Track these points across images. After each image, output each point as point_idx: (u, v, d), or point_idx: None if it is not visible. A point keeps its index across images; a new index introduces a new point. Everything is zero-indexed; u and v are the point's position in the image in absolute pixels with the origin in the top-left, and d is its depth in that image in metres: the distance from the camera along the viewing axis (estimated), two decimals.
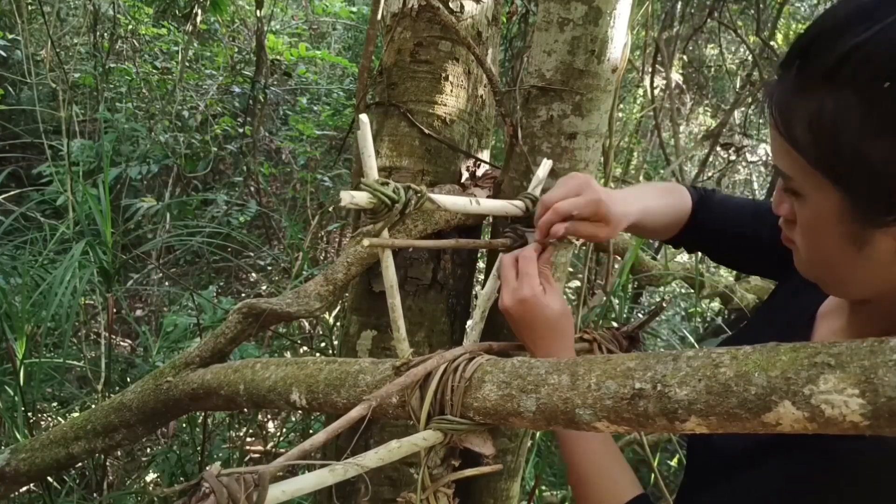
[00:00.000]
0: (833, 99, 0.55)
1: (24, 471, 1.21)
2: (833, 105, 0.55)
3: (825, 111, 0.56)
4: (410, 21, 1.27)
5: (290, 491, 0.63)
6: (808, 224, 0.64)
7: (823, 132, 0.56)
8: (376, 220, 0.85)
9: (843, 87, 0.54)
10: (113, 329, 2.61)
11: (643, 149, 5.71)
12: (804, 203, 0.63)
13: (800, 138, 0.59)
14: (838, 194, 0.58)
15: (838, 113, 0.55)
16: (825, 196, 0.60)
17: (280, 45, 4.36)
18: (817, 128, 0.57)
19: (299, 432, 2.70)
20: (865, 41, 0.53)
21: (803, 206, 0.63)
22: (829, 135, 0.56)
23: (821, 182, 0.59)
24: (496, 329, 1.17)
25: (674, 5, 3.82)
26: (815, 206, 0.61)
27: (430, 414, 0.75)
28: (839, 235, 0.61)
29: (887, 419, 0.45)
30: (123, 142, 3.93)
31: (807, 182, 0.61)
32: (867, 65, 0.53)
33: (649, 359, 0.59)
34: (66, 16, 4.66)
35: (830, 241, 0.62)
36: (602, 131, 1.14)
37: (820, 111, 0.56)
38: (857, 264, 0.62)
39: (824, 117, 0.56)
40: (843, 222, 0.60)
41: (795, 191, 0.63)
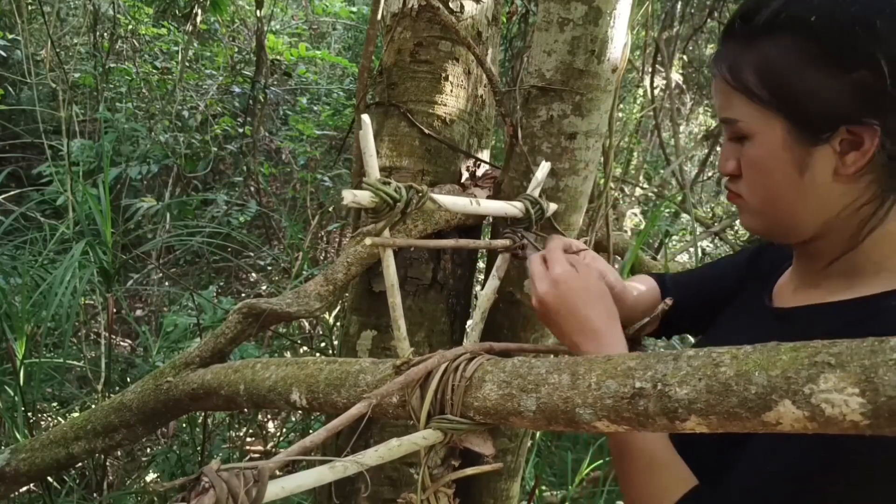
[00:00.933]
0: (774, 44, 0.68)
1: (24, 471, 1.21)
2: (775, 48, 0.68)
3: (769, 55, 0.68)
4: (410, 21, 1.27)
5: (290, 487, 0.63)
6: (757, 162, 0.72)
7: (770, 72, 0.68)
8: (378, 219, 0.85)
9: (781, 33, 0.68)
10: (113, 329, 2.61)
11: (643, 149, 5.70)
12: (752, 143, 0.72)
13: (750, 83, 0.70)
14: (783, 123, 0.69)
15: (780, 53, 0.68)
16: (771, 128, 0.70)
17: (280, 45, 4.36)
18: (764, 70, 0.69)
19: (299, 432, 2.70)
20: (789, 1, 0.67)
21: (752, 146, 0.72)
22: (774, 73, 0.68)
23: (767, 116, 0.70)
24: (496, 329, 1.17)
25: (674, 5, 3.82)
26: (763, 141, 0.71)
27: (431, 413, 0.75)
28: (785, 163, 0.70)
29: (887, 418, 0.45)
30: (123, 142, 3.93)
31: (755, 120, 0.71)
32: (797, 11, 0.66)
33: (650, 358, 0.59)
34: (66, 16, 4.66)
35: (778, 173, 0.71)
36: (602, 131, 1.14)
37: (765, 56, 0.69)
38: (802, 192, 0.70)
39: (769, 60, 0.68)
40: (788, 148, 0.69)
41: (743, 134, 0.72)
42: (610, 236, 1.74)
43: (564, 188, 1.14)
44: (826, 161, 0.68)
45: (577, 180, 1.14)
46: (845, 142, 0.67)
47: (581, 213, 1.20)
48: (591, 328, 0.81)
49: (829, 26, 0.65)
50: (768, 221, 0.76)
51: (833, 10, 0.65)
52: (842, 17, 0.65)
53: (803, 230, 0.74)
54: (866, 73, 0.64)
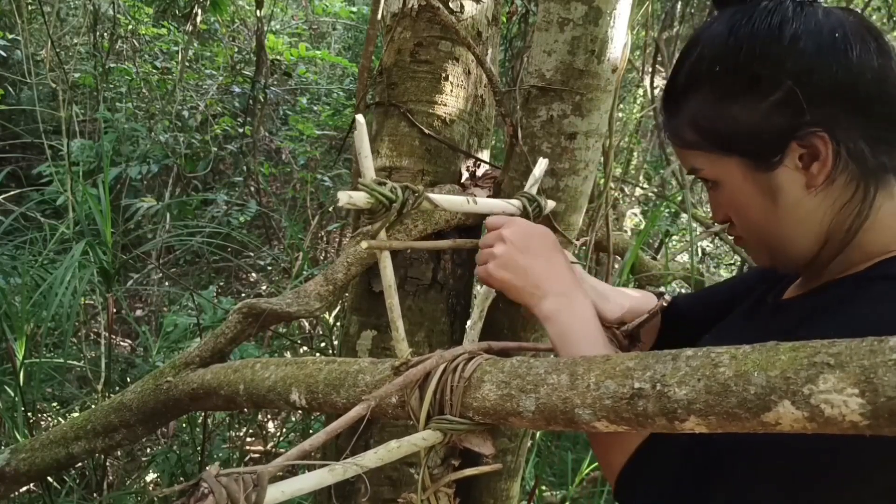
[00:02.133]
0: (694, 99, 0.75)
1: (24, 471, 1.21)
2: (696, 101, 0.75)
3: (694, 109, 0.75)
4: (410, 21, 1.27)
5: (290, 491, 0.63)
6: (732, 201, 0.76)
7: (700, 122, 0.75)
8: (374, 220, 0.85)
9: (696, 88, 0.75)
10: (113, 329, 2.61)
11: (643, 149, 5.70)
12: (722, 186, 0.76)
13: (689, 138, 0.76)
14: (735, 160, 0.73)
15: (701, 104, 0.74)
16: (728, 167, 0.74)
17: (280, 45, 4.36)
18: (695, 122, 0.75)
19: (299, 432, 2.70)
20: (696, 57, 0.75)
21: (722, 189, 0.76)
22: (704, 121, 0.74)
23: (719, 159, 0.75)
24: (496, 328, 1.17)
25: (674, 5, 3.82)
26: (727, 181, 0.75)
27: (430, 414, 0.75)
28: (755, 194, 0.73)
29: (887, 419, 0.45)
30: (123, 142, 3.93)
31: (712, 165, 0.76)
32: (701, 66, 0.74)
33: (648, 358, 0.59)
34: (66, 16, 4.66)
35: (754, 205, 0.74)
36: (602, 131, 1.14)
37: (691, 112, 0.75)
38: (783, 214, 0.73)
39: (695, 114, 0.75)
40: (749, 180, 0.73)
41: (711, 180, 0.77)
42: (610, 236, 1.74)
43: (564, 188, 1.14)
44: (792, 180, 0.71)
45: (577, 180, 1.14)
46: (804, 156, 0.70)
47: (581, 213, 1.20)
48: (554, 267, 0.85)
49: (733, 67, 0.71)
50: (772, 254, 0.78)
51: (732, 53, 0.71)
52: (740, 54, 0.70)
53: (805, 252, 0.75)
54: (781, 93, 0.68)
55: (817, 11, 0.71)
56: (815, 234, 0.73)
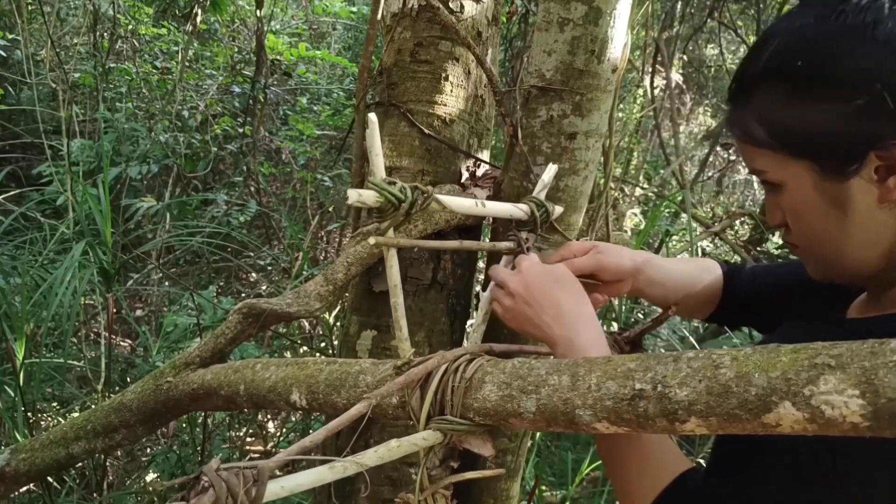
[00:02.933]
0: (769, 95, 0.70)
1: (24, 471, 1.21)
2: (771, 99, 0.69)
3: (766, 106, 0.70)
4: (410, 21, 1.27)
5: (289, 487, 0.63)
6: (795, 208, 0.72)
7: (773, 122, 0.69)
8: (382, 219, 0.85)
9: (772, 84, 0.69)
10: (113, 329, 2.61)
11: (643, 149, 5.70)
12: (785, 191, 0.72)
13: (759, 136, 0.71)
14: (807, 165, 0.69)
15: (777, 101, 0.69)
16: (796, 172, 0.70)
17: (280, 45, 4.35)
18: (768, 121, 0.70)
19: (299, 432, 2.70)
20: (773, 50, 0.69)
21: (785, 194, 0.72)
22: (778, 121, 0.69)
23: (788, 161, 0.70)
24: (497, 330, 1.17)
25: (674, 5, 3.82)
26: (794, 186, 0.71)
27: (430, 414, 0.75)
28: (822, 204, 0.69)
29: (888, 420, 0.45)
30: (123, 142, 3.93)
31: (779, 168, 0.71)
32: (781, 59, 0.68)
33: (650, 360, 0.59)
34: (66, 16, 4.66)
35: (818, 215, 0.70)
36: (602, 131, 1.14)
37: (763, 108, 0.70)
38: (850, 229, 0.69)
39: (767, 111, 0.70)
40: (819, 189, 0.69)
41: (774, 183, 0.72)
42: (610, 236, 1.74)
43: (564, 188, 1.14)
44: (865, 192, 0.67)
45: (577, 180, 1.14)
46: (881, 167, 0.65)
47: (581, 213, 1.20)
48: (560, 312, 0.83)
49: (815, 64, 0.66)
50: (830, 266, 0.75)
51: (816, 49, 0.66)
52: (823, 50, 0.65)
53: (867, 268, 0.71)
54: (867, 98, 0.63)
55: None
56: (881, 251, 0.69)
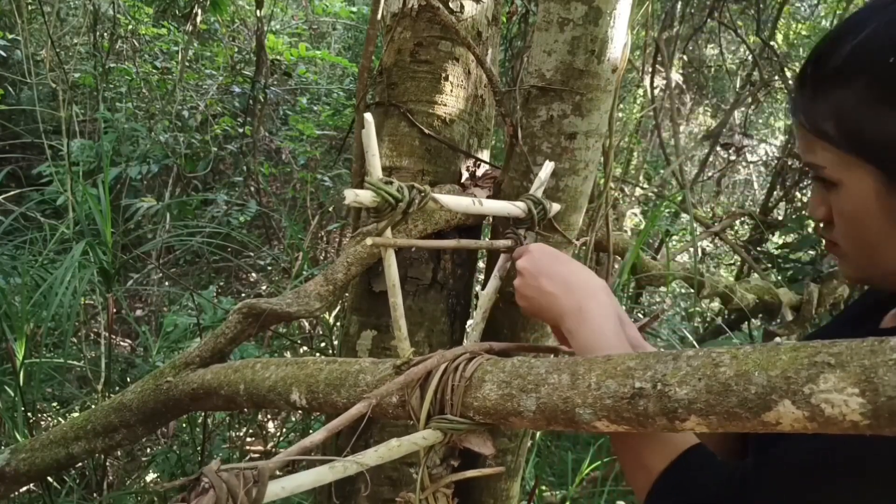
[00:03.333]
0: (850, 89, 0.63)
1: (24, 471, 1.21)
2: (852, 93, 0.63)
3: (846, 101, 0.64)
4: (410, 21, 1.27)
5: (290, 487, 0.63)
6: (848, 212, 0.68)
7: (849, 119, 0.64)
8: (380, 219, 0.85)
9: (855, 78, 0.63)
10: (113, 329, 2.61)
11: (643, 149, 5.71)
12: (841, 192, 0.67)
13: (829, 132, 0.65)
14: (873, 172, 0.64)
15: (857, 98, 0.63)
16: (860, 177, 0.65)
17: (280, 45, 4.36)
18: (843, 117, 0.64)
19: (299, 432, 2.70)
20: (863, 39, 0.63)
21: (840, 195, 0.67)
22: (854, 120, 0.63)
23: (854, 164, 0.65)
24: (496, 329, 1.17)
25: (674, 5, 3.82)
26: (853, 190, 0.66)
27: (430, 413, 0.75)
28: (879, 213, 0.65)
29: (887, 419, 0.45)
30: (123, 142, 3.93)
31: (841, 168, 0.66)
32: (869, 54, 0.62)
33: (649, 358, 0.59)
34: (66, 16, 4.66)
35: (872, 223, 0.66)
36: (602, 131, 1.14)
37: (843, 102, 0.64)
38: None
39: (847, 106, 0.64)
40: (881, 198, 0.64)
41: (830, 181, 0.67)
42: (610, 236, 1.74)
43: (564, 188, 1.14)
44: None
45: (577, 180, 1.14)
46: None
47: (581, 213, 1.20)
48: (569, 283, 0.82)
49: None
50: (870, 272, 0.72)
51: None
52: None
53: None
54: None
55: None
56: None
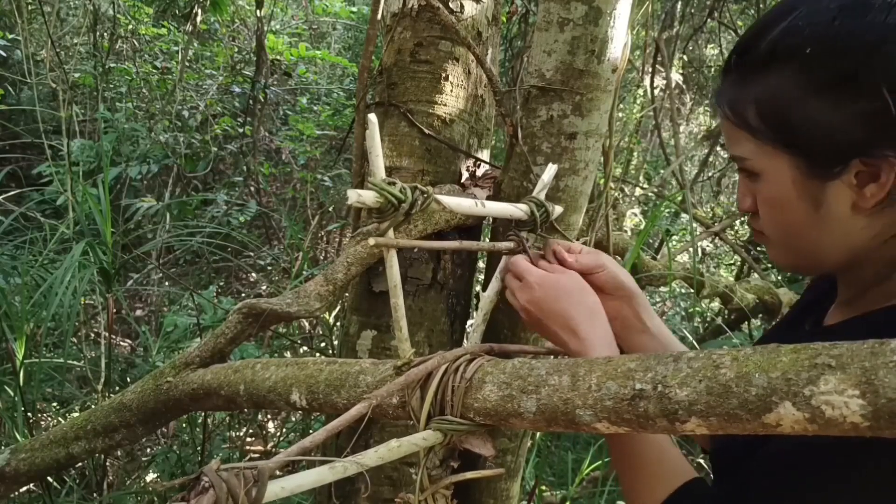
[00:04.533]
0: (772, 78, 0.65)
1: (24, 471, 1.21)
2: (774, 83, 0.65)
3: (768, 90, 0.66)
4: (410, 21, 1.27)
5: (290, 487, 0.63)
6: (770, 200, 0.70)
7: (770, 107, 0.66)
8: (382, 219, 0.85)
9: (778, 66, 0.65)
10: (113, 329, 2.61)
11: (643, 149, 5.71)
12: (763, 180, 0.70)
13: (752, 121, 0.67)
14: (791, 159, 0.66)
15: (779, 88, 0.65)
16: (779, 165, 0.67)
17: (280, 45, 4.36)
18: (764, 105, 0.66)
19: (299, 432, 2.70)
20: (788, 27, 0.64)
21: (763, 183, 0.70)
22: (776, 109, 0.65)
23: (774, 153, 0.67)
24: (497, 329, 1.17)
25: (674, 5, 3.82)
26: (773, 179, 0.68)
27: (431, 414, 0.75)
28: (798, 199, 0.67)
29: (888, 420, 0.45)
30: (123, 142, 3.93)
31: (762, 158, 0.68)
32: (792, 43, 0.63)
33: (650, 359, 0.59)
34: (66, 16, 4.66)
35: (792, 210, 0.68)
36: (602, 131, 1.14)
37: (764, 91, 0.66)
38: (821, 226, 0.67)
39: (769, 96, 0.66)
40: (799, 184, 0.67)
41: (753, 171, 0.70)
42: (610, 236, 1.74)
43: (564, 188, 1.14)
44: (842, 195, 0.65)
45: (577, 180, 1.14)
46: (862, 174, 0.64)
47: (581, 213, 1.20)
48: (572, 325, 0.83)
49: (828, 56, 0.62)
50: (793, 257, 0.74)
51: (831, 40, 0.62)
52: (840, 46, 0.61)
53: (829, 263, 0.71)
54: (870, 102, 0.60)
55: None
56: (847, 253, 0.68)
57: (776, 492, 0.66)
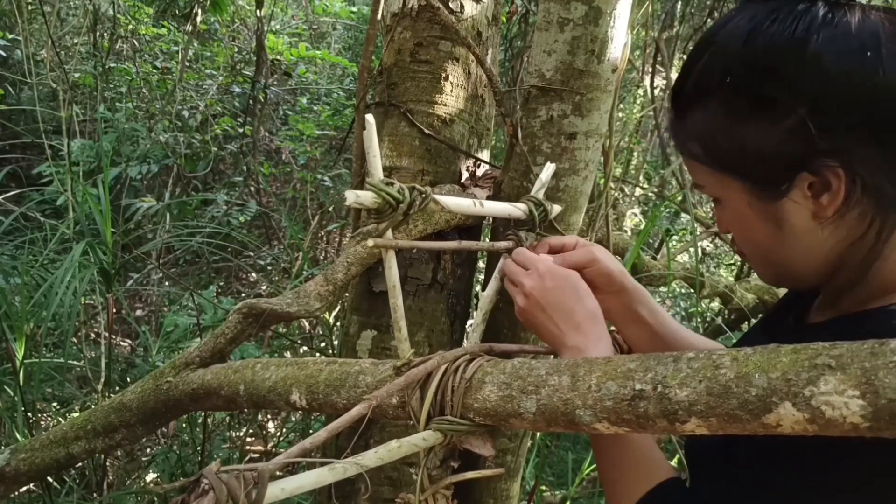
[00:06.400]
0: (701, 112, 0.69)
1: (24, 471, 1.21)
2: (703, 115, 0.69)
3: (700, 123, 0.69)
4: (410, 21, 1.27)
5: (290, 489, 0.63)
6: (734, 222, 0.73)
7: (706, 138, 0.69)
8: (380, 220, 0.85)
9: (704, 100, 0.68)
10: (113, 329, 2.61)
11: (643, 149, 5.70)
12: (724, 206, 0.72)
13: (694, 151, 0.71)
14: (740, 185, 0.68)
15: (708, 119, 0.68)
16: (731, 190, 0.70)
17: (280, 45, 4.36)
18: (701, 137, 0.70)
19: (299, 432, 2.70)
20: (705, 64, 0.68)
21: (724, 208, 0.72)
22: (709, 138, 0.69)
23: (723, 179, 0.70)
24: (496, 329, 1.17)
25: (674, 5, 3.82)
26: (730, 203, 0.71)
27: (430, 414, 0.75)
28: (759, 221, 0.69)
29: (888, 421, 0.45)
30: (123, 142, 3.93)
31: (715, 185, 0.71)
32: (713, 75, 0.67)
33: (650, 360, 0.59)
34: (66, 16, 4.66)
35: (756, 230, 0.70)
36: (602, 131, 1.14)
37: (697, 124, 0.70)
38: (787, 242, 0.69)
39: (702, 127, 0.69)
40: (755, 207, 0.68)
41: (715, 198, 0.73)
42: (610, 236, 1.74)
43: (564, 188, 1.14)
44: (799, 209, 0.66)
45: (577, 180, 1.14)
46: (815, 184, 0.64)
47: (581, 213, 1.20)
48: (576, 319, 0.83)
49: (746, 83, 0.64)
50: (773, 273, 0.75)
51: (743, 67, 0.64)
52: (753, 69, 0.63)
53: (807, 276, 0.72)
54: (794, 119, 0.62)
55: (852, 18, 0.62)
56: (822, 263, 0.69)
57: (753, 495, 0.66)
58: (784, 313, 0.86)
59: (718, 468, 0.72)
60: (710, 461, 0.74)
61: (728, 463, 0.70)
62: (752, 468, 0.66)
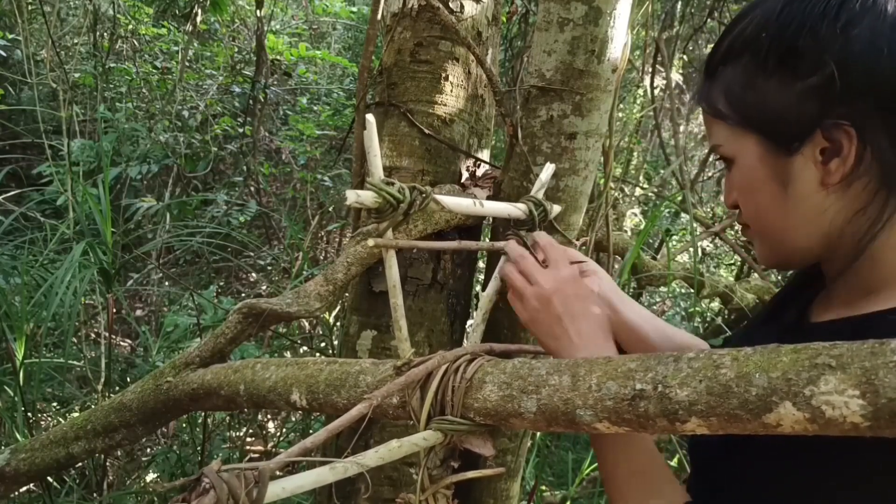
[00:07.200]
0: (734, 67, 0.73)
1: (24, 471, 1.21)
2: (734, 70, 0.73)
3: (731, 77, 0.73)
4: (410, 21, 1.27)
5: (290, 488, 0.63)
6: (742, 183, 0.75)
7: (733, 93, 0.73)
8: (381, 219, 0.85)
9: (739, 56, 0.72)
10: (113, 329, 2.61)
11: (643, 149, 5.70)
12: (736, 166, 0.75)
13: (722, 108, 0.74)
14: (757, 138, 0.71)
15: (739, 74, 0.72)
16: (746, 145, 0.72)
17: (280, 45, 4.36)
18: (728, 92, 0.73)
19: (299, 432, 2.70)
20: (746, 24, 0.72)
21: (735, 168, 0.75)
22: (737, 92, 0.72)
23: (743, 134, 0.73)
24: (497, 329, 1.17)
25: (674, 5, 3.82)
26: (743, 161, 0.73)
27: (431, 414, 0.75)
28: (767, 179, 0.71)
29: (888, 420, 0.45)
30: (123, 142, 3.93)
31: (733, 142, 0.74)
32: (749, 34, 0.71)
33: (650, 360, 0.59)
34: (66, 16, 4.66)
35: (763, 191, 0.72)
36: (602, 131, 1.14)
37: (728, 79, 0.74)
38: (791, 207, 0.71)
39: (731, 81, 0.73)
40: (766, 162, 0.71)
41: (728, 158, 0.75)
42: (610, 236, 1.74)
43: (564, 188, 1.14)
44: (808, 172, 0.68)
45: (577, 180, 1.14)
46: (826, 150, 0.67)
47: (581, 213, 1.20)
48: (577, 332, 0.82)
49: (777, 38, 0.68)
50: (774, 247, 0.76)
51: (781, 25, 0.68)
52: (788, 27, 0.67)
53: (807, 249, 0.73)
54: (819, 76, 0.65)
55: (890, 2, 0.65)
56: (820, 234, 0.70)
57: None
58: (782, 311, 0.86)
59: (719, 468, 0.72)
60: (712, 462, 0.74)
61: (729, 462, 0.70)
62: (752, 467, 0.66)
